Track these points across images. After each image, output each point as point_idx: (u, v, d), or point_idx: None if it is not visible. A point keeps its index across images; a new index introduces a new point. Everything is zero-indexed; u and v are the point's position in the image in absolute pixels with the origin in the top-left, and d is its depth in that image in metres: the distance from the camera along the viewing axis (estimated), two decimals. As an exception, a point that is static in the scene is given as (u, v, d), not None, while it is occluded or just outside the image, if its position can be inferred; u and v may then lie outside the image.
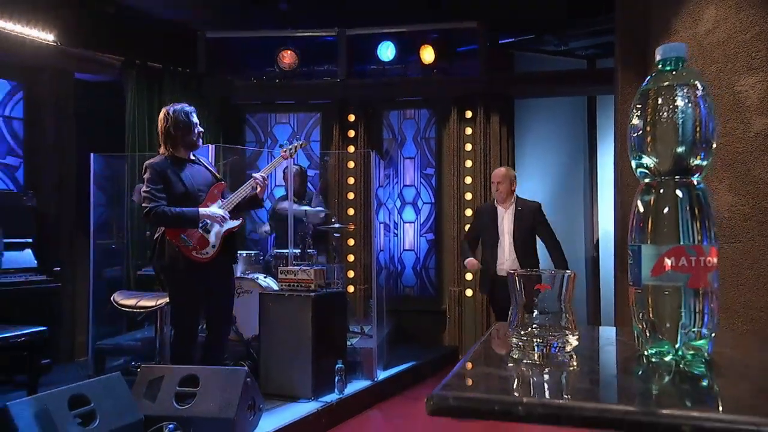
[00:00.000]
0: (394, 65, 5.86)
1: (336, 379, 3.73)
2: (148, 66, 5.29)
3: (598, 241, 6.00)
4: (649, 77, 0.68)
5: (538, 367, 0.66)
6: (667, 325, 0.62)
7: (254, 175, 3.39)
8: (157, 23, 5.60)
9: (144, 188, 3.16)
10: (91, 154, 4.45)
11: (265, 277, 4.40)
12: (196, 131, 3.29)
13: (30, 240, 4.21)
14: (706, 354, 0.63)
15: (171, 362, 3.28)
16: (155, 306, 3.59)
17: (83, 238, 4.82)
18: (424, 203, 5.97)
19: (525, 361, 0.67)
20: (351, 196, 5.93)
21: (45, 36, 4.73)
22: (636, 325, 0.66)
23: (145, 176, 3.18)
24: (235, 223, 3.32)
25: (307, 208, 4.65)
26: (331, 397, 3.68)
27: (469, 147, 5.78)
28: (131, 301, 3.68)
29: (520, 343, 0.68)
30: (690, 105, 0.63)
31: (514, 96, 5.88)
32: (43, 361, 3.49)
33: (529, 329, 0.67)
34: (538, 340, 0.66)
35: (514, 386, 0.63)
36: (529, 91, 5.91)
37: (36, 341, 3.19)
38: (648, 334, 0.64)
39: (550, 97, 6.06)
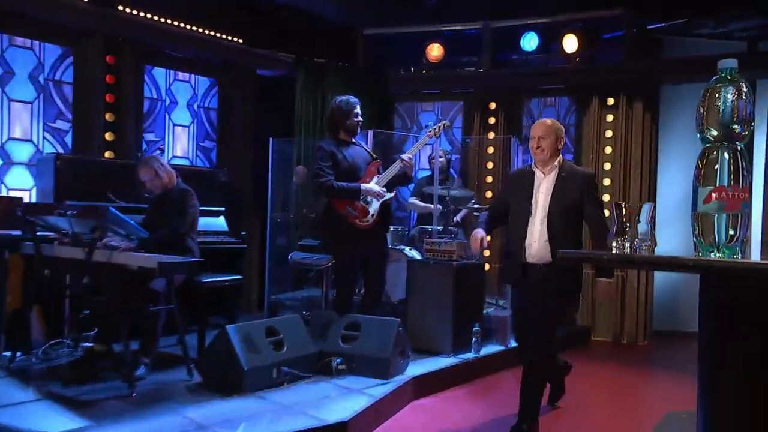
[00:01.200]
0: (536, 55, 6.09)
1: (473, 341, 4.18)
2: (315, 62, 6.07)
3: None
4: (713, 78, 1.03)
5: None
6: (710, 236, 0.98)
7: (402, 156, 3.92)
8: (322, 24, 6.35)
9: (316, 165, 3.82)
10: (270, 139, 5.30)
11: (410, 249, 4.95)
12: (355, 119, 3.87)
13: (222, 209, 5.13)
14: (737, 253, 0.99)
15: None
16: (325, 265, 4.28)
17: (259, 211, 5.73)
18: (561, 188, 6.15)
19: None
20: (489, 179, 6.29)
21: (234, 39, 5.67)
22: (693, 236, 1.02)
23: (317, 155, 3.84)
24: (389, 195, 3.87)
25: (454, 191, 5.12)
26: (468, 356, 4.14)
27: (609, 133, 5.86)
28: (306, 261, 4.41)
29: (616, 244, 1.07)
30: (732, 97, 0.98)
31: (660, 82, 5.83)
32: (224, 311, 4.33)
33: (624, 237, 1.07)
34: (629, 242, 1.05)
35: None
36: (676, 77, 5.82)
37: (236, 285, 4.03)
38: (699, 241, 1.00)
39: (701, 83, 5.90)
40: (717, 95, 1.02)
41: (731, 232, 1.00)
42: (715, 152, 1.02)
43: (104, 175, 4.44)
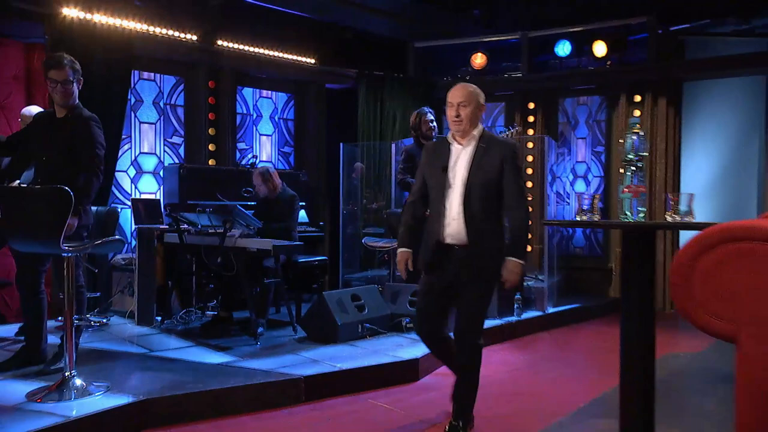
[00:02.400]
0: (569, 59, 6.87)
1: (515, 306, 5.09)
2: (374, 74, 7.04)
3: None
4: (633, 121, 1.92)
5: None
6: (623, 212, 1.89)
7: None
8: (378, 40, 7.31)
9: (399, 165, 4.79)
10: (341, 144, 6.32)
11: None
12: (426, 126, 4.79)
13: (304, 203, 6.19)
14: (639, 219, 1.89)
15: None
16: (392, 247, 5.27)
17: (331, 204, 6.77)
18: (594, 177, 6.95)
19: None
20: (529, 171, 7.12)
21: (307, 60, 6.70)
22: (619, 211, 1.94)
23: (401, 157, 4.82)
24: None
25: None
26: (511, 319, 5.06)
27: (637, 128, 6.58)
28: (377, 244, 5.42)
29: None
30: (632, 139, 1.86)
31: (683, 80, 6.52)
32: (314, 285, 5.36)
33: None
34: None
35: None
36: (698, 75, 6.49)
37: (323, 264, 5.08)
38: (621, 212, 1.92)
39: (722, 79, 6.54)
40: (626, 136, 1.90)
41: (641, 209, 1.88)
42: (625, 167, 1.90)
43: (212, 179, 5.55)
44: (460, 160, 2.72)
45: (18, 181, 4.02)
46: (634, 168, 2.04)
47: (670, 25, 6.57)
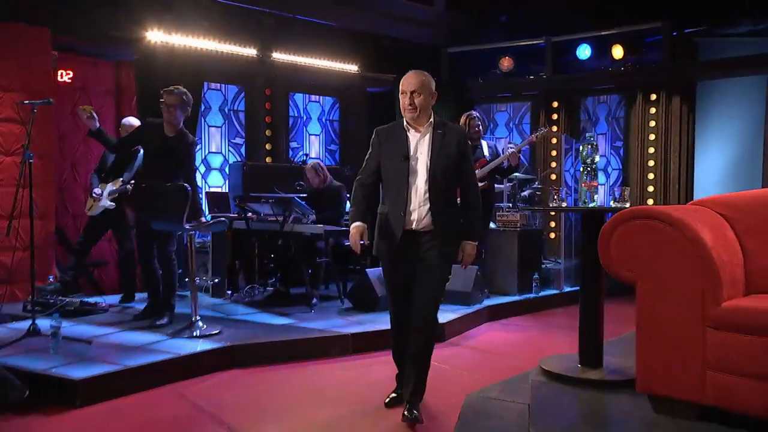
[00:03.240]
0: (590, 61, 7.46)
1: (533, 285, 5.80)
2: (410, 79, 7.78)
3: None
4: (586, 136, 2.65)
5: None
6: (581, 199, 2.62)
7: (511, 150, 5.44)
8: (413, 46, 8.05)
9: None
10: (380, 142, 7.12)
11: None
12: (474, 129, 5.48)
13: (348, 195, 7.01)
14: (593, 205, 2.62)
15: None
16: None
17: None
18: (612, 169, 7.54)
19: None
20: (553, 164, 7.77)
21: (350, 67, 7.51)
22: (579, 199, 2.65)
23: None
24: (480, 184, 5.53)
25: (521, 175, 6.69)
26: (529, 296, 5.77)
27: (653, 123, 7.15)
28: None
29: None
30: (587, 149, 2.58)
31: (696, 79, 7.03)
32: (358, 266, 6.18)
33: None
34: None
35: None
36: (710, 75, 6.99)
37: (367, 247, 5.90)
38: (581, 200, 2.63)
39: (734, 78, 7.01)
40: (584, 147, 2.61)
41: (597, 196, 2.59)
42: (582, 169, 2.60)
43: (270, 174, 6.44)
44: (420, 147, 2.78)
45: (121, 179, 5.00)
46: (589, 169, 2.74)
47: (684, 27, 7.07)
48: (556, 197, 2.91)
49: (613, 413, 2.27)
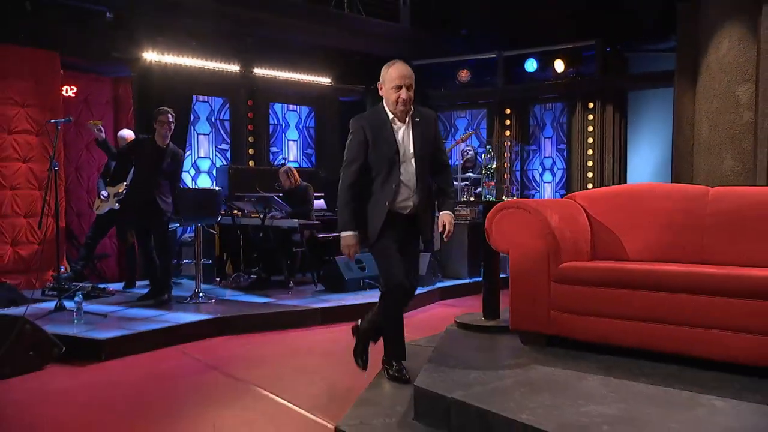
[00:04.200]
0: (536, 73, 8.42)
1: (482, 270, 6.73)
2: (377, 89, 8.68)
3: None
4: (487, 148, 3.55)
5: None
6: (485, 195, 3.53)
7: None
8: (382, 60, 8.89)
9: None
10: (351, 147, 8.02)
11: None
12: None
13: (322, 194, 7.90)
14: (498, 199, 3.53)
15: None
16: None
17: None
18: (558, 169, 8.52)
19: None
20: (507, 165, 8.71)
21: (324, 80, 8.39)
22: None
23: None
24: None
25: (470, 174, 7.63)
26: (478, 279, 6.70)
27: (590, 128, 8.14)
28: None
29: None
30: (483, 154, 3.50)
31: (627, 90, 8.03)
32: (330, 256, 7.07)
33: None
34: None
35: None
36: (636, 86, 8.00)
37: (338, 239, 6.79)
38: (489, 195, 3.54)
39: (657, 89, 8.01)
40: (484, 156, 3.50)
41: (493, 193, 3.48)
42: (483, 172, 3.49)
43: (252, 176, 7.29)
44: (405, 135, 2.88)
45: (125, 183, 5.84)
46: (489, 173, 3.64)
47: (615, 44, 8.07)
48: (506, 194, 3.82)
49: (495, 345, 3.18)
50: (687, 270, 2.65)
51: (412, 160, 2.88)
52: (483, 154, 3.85)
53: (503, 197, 4.29)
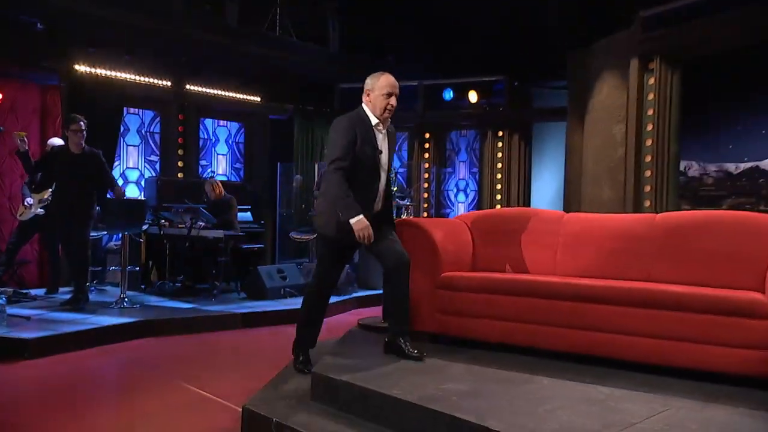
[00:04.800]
0: (452, 102, 9.19)
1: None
2: (306, 109, 9.19)
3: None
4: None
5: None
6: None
7: None
8: (310, 81, 9.45)
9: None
10: (278, 163, 8.43)
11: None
12: None
13: (249, 207, 8.26)
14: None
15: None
16: (312, 238, 7.43)
17: (272, 208, 8.87)
18: (471, 190, 9.29)
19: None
20: (426, 185, 9.42)
21: (254, 98, 8.79)
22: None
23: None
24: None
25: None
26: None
27: (500, 155, 8.97)
28: (299, 237, 7.56)
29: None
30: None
31: (532, 121, 8.93)
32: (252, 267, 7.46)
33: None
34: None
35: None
36: (539, 119, 8.92)
37: (260, 251, 7.19)
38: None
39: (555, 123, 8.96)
40: (391, 176, 4.12)
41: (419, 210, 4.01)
42: (396, 196, 4.13)
43: (181, 187, 7.57)
44: (383, 143, 3.13)
45: (50, 190, 6.01)
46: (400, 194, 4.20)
47: (522, 80, 8.97)
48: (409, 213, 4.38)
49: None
50: (536, 279, 3.30)
51: (386, 166, 3.17)
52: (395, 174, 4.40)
53: (423, 214, 4.95)
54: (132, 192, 7.76)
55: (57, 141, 6.32)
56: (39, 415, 3.17)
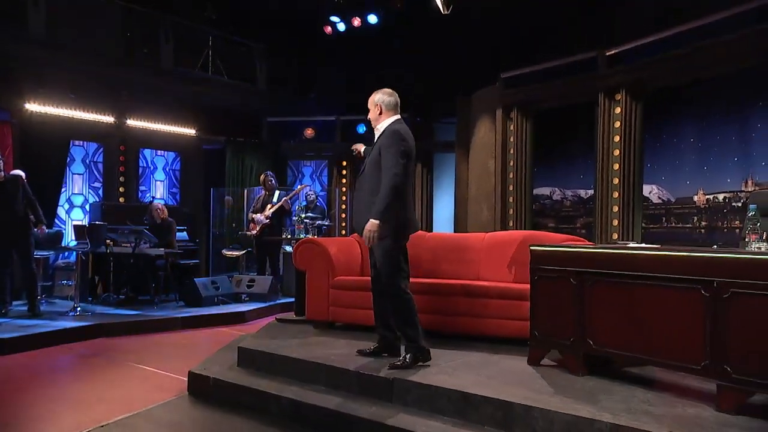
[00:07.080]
0: (365, 135, 10.62)
1: (314, 290, 8.59)
2: (237, 140, 10.35)
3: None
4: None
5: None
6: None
7: (284, 199, 8.20)
8: (241, 115, 10.64)
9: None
10: (212, 189, 9.54)
11: (289, 246, 9.29)
12: (268, 183, 8.14)
13: (185, 227, 9.30)
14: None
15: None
16: (242, 254, 8.57)
17: (206, 228, 9.95)
18: (382, 211, 10.72)
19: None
20: (344, 206, 10.76)
21: (189, 130, 9.88)
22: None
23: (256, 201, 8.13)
24: (266, 220, 8.16)
25: (310, 214, 9.52)
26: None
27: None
28: (230, 253, 8.70)
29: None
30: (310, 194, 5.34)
31: (433, 152, 10.50)
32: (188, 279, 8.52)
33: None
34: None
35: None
36: (437, 150, 10.51)
37: (196, 265, 8.27)
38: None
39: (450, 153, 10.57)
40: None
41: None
42: (301, 216, 5.34)
43: (122, 211, 8.54)
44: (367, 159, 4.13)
45: None
46: (312, 215, 5.51)
47: (424, 117, 10.54)
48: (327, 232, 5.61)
49: (296, 329, 5.00)
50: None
51: (364, 176, 3.94)
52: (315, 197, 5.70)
53: (342, 232, 6.23)
54: (77, 215, 8.65)
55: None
56: (20, 389, 4.23)
